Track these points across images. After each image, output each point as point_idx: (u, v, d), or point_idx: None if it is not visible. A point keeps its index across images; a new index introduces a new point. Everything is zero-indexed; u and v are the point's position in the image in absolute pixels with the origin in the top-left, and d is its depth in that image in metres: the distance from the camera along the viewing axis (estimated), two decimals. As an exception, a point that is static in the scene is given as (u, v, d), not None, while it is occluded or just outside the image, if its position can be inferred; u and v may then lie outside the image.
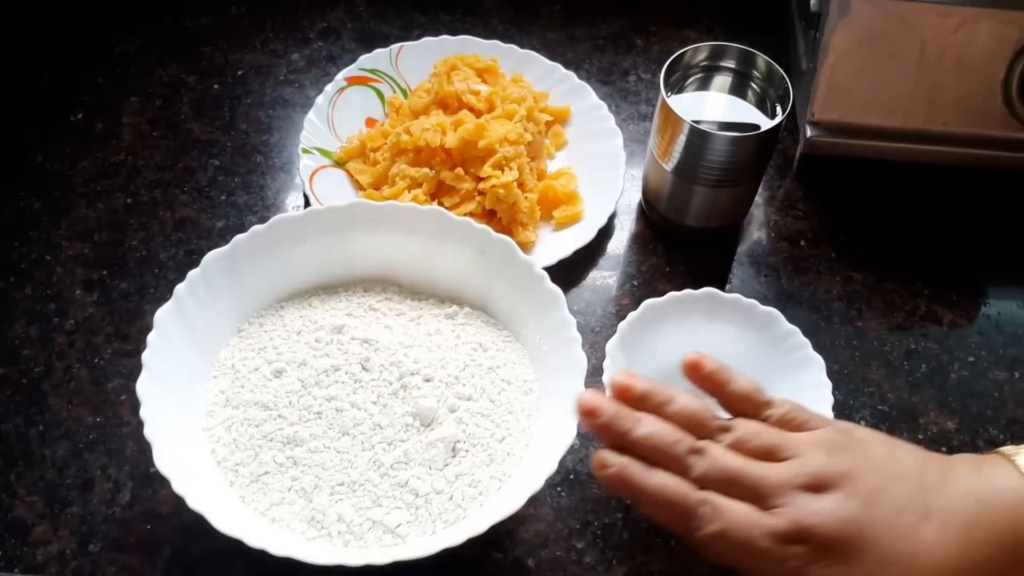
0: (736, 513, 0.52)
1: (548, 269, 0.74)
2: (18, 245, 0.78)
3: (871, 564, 0.51)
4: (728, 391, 0.58)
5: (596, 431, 0.55)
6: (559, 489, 0.67)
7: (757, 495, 0.52)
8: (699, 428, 0.55)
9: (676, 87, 0.76)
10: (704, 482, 0.53)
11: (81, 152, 0.84)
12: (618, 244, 0.81)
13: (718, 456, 0.54)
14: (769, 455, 0.54)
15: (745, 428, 0.55)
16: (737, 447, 0.54)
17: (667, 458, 0.54)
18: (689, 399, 0.56)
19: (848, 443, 0.55)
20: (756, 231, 0.82)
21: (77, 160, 0.83)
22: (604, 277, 0.79)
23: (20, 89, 0.88)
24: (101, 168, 0.83)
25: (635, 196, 0.83)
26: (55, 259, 0.77)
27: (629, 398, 0.56)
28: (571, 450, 0.68)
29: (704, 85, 0.76)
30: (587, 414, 0.55)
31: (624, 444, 0.54)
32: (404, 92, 0.87)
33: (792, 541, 0.51)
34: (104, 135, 0.85)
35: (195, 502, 0.55)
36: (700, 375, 0.58)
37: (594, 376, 0.68)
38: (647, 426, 0.54)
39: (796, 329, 0.69)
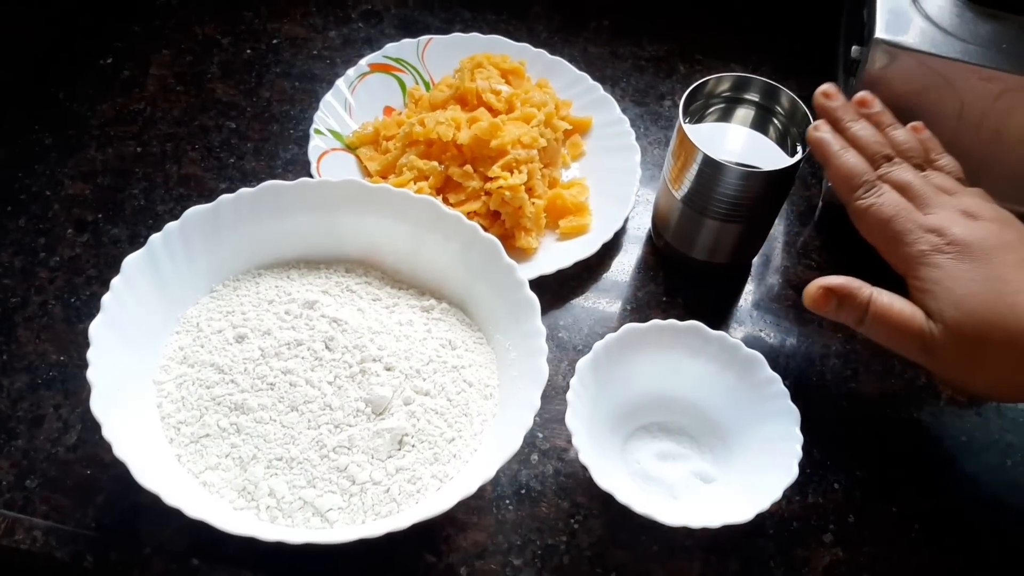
0: (895, 196, 0.64)
1: (545, 279, 0.73)
2: (21, 176, 0.78)
3: (985, 269, 0.60)
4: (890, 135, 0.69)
5: (822, 110, 0.70)
6: (507, 502, 0.65)
7: (919, 203, 0.64)
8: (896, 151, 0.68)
9: (696, 115, 0.74)
10: (883, 177, 0.65)
11: (103, 96, 0.84)
12: (621, 266, 0.79)
13: (904, 167, 0.66)
14: (945, 191, 0.65)
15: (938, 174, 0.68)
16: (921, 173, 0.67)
17: (865, 152, 0.67)
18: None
19: (1009, 215, 0.65)
20: (764, 274, 0.80)
21: (97, 103, 0.84)
22: (599, 296, 0.77)
23: (57, 27, 0.89)
24: (119, 114, 0.83)
25: (647, 220, 0.81)
26: (54, 195, 0.77)
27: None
28: (528, 465, 0.67)
29: (725, 116, 0.74)
30: (824, 94, 0.70)
31: (837, 129, 0.68)
32: (427, 85, 0.86)
33: (930, 232, 0.62)
34: (128, 82, 0.86)
35: (121, 450, 0.55)
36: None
37: (559, 395, 0.66)
38: (862, 127, 0.68)
39: (777, 377, 0.66)
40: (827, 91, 0.70)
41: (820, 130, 0.68)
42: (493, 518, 0.65)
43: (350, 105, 0.83)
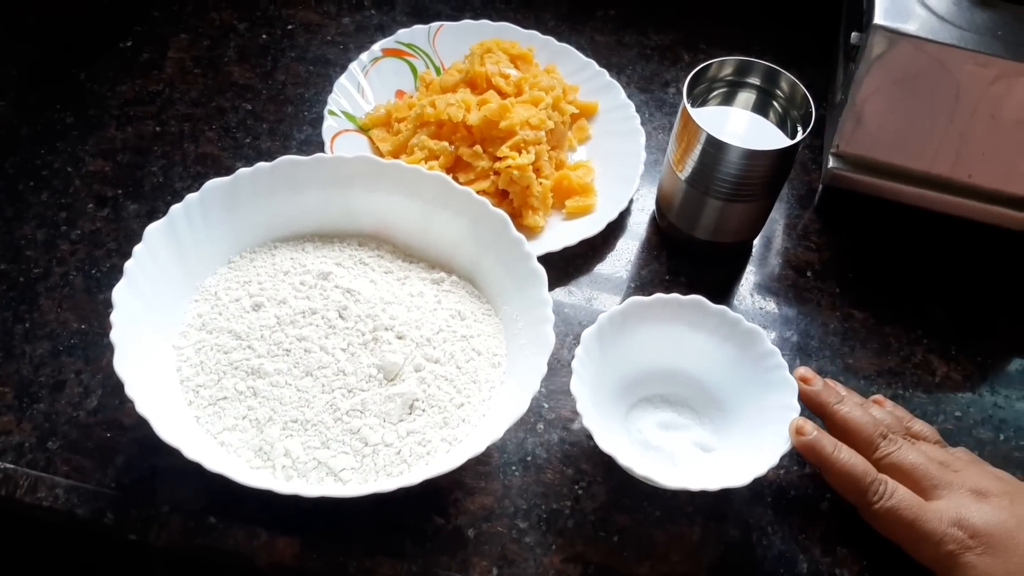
0: (906, 494, 0.62)
1: (551, 256, 0.75)
2: (44, 153, 0.80)
3: (1015, 558, 0.60)
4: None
5: (804, 396, 0.66)
6: (514, 468, 0.67)
7: (927, 485, 0.63)
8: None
9: (700, 99, 0.76)
10: (882, 462, 0.63)
11: (122, 77, 0.87)
12: (625, 245, 0.81)
13: (904, 446, 0.64)
14: (944, 465, 0.64)
15: (927, 444, 0.66)
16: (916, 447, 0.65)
17: (858, 436, 0.64)
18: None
19: (1010, 479, 0.65)
20: (764, 255, 0.82)
21: (117, 84, 0.86)
22: (603, 274, 0.79)
23: (77, 9, 0.91)
24: (138, 95, 0.86)
25: (651, 203, 0.83)
26: (76, 172, 0.80)
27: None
28: (533, 434, 0.69)
29: (728, 100, 0.76)
30: (802, 379, 0.67)
31: (823, 414, 0.66)
32: (437, 70, 0.88)
33: (952, 526, 0.61)
34: (148, 64, 0.88)
35: (143, 407, 0.57)
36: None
37: (564, 368, 0.68)
38: (849, 405, 0.66)
39: (776, 350, 0.68)
40: (804, 375, 0.67)
41: (805, 433, 0.63)
42: (500, 483, 0.67)
43: (363, 88, 0.85)
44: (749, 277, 0.80)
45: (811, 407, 0.67)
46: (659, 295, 0.69)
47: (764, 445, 0.64)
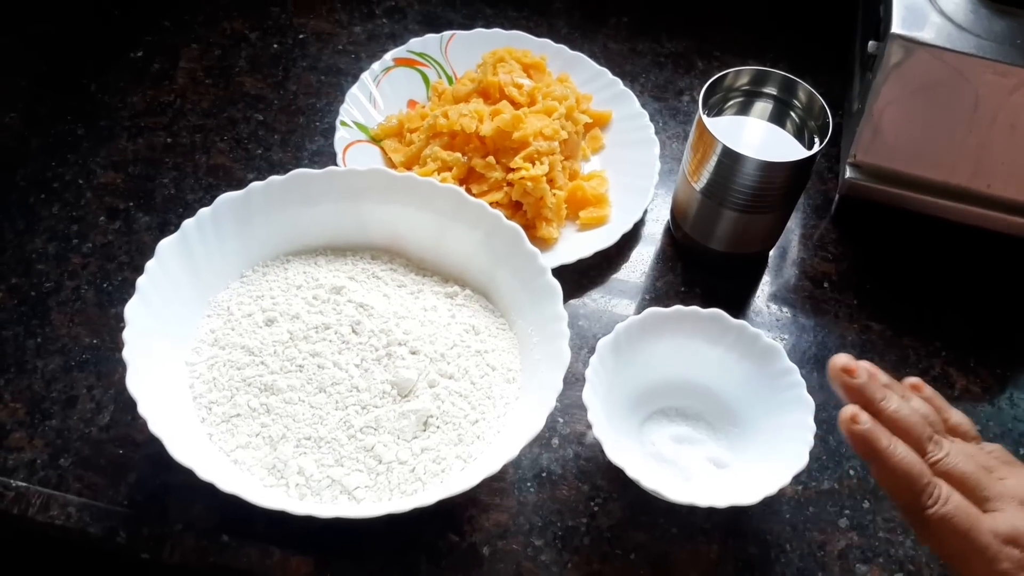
0: (961, 502, 0.56)
1: (565, 268, 0.75)
2: (55, 165, 0.80)
3: None
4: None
5: (848, 390, 0.58)
6: (529, 485, 0.67)
7: (979, 496, 0.57)
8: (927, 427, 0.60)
9: (716, 109, 0.75)
10: (935, 467, 0.57)
11: (134, 88, 0.86)
12: (640, 256, 0.80)
13: (955, 450, 0.58)
14: (989, 471, 0.59)
15: (966, 445, 0.60)
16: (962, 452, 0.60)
17: (908, 436, 0.57)
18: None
19: None
20: (780, 266, 0.81)
21: (128, 95, 0.86)
22: (618, 286, 0.78)
23: (88, 20, 0.91)
24: (149, 105, 0.85)
25: (666, 213, 0.83)
26: (87, 184, 0.79)
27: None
28: (548, 449, 0.68)
29: (744, 110, 0.75)
30: (844, 371, 0.58)
31: (869, 410, 0.58)
32: (450, 79, 0.88)
33: (1007, 543, 0.55)
34: (159, 75, 0.88)
35: (156, 426, 0.56)
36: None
37: (579, 382, 0.67)
38: (896, 402, 0.58)
39: (794, 367, 0.67)
40: (847, 366, 0.58)
41: (861, 422, 0.56)
42: (515, 500, 0.66)
43: (375, 98, 0.85)
44: (765, 288, 0.80)
45: (855, 403, 0.60)
46: (678, 307, 0.69)
47: (778, 464, 0.64)
